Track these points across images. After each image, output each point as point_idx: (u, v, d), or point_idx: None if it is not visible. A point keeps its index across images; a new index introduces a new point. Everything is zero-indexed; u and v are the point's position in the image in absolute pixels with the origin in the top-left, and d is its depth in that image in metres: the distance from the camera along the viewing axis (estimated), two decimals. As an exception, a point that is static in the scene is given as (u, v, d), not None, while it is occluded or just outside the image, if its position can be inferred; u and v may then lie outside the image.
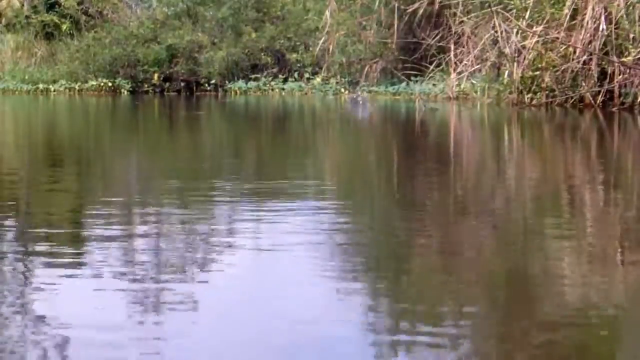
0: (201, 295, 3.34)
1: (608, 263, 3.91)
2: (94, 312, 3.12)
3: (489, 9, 17.89)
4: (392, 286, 3.53)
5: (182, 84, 28.03)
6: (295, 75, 26.94)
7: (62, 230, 4.78)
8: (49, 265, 3.81)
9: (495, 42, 17.87)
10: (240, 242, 4.35)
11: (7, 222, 4.97)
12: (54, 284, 3.48)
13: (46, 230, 4.75)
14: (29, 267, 3.77)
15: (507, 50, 17.31)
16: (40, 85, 28.13)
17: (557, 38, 16.53)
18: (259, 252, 4.13)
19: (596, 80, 16.10)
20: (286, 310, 3.14)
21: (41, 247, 4.20)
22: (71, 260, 3.92)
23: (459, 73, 18.78)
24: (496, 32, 17.57)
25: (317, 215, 5.11)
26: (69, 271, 3.69)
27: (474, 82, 19.02)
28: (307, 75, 26.53)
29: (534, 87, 16.88)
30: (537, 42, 16.62)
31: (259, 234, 4.60)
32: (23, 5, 29.74)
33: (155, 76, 27.91)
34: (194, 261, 3.94)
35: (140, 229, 4.75)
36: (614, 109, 15.33)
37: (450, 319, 3.06)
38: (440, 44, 20.42)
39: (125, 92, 27.63)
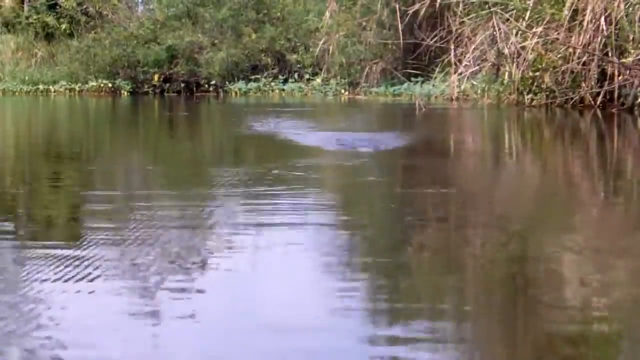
0: (199, 296, 3.33)
1: (610, 264, 3.90)
2: (91, 312, 3.11)
3: (489, 10, 17.89)
4: (389, 285, 3.52)
5: (182, 84, 28.07)
6: (296, 76, 26.99)
7: (59, 230, 4.77)
8: (46, 265, 3.80)
9: (495, 42, 17.88)
10: (239, 237, 4.35)
11: (7, 223, 4.96)
12: (52, 283, 3.47)
13: (44, 230, 4.74)
14: (28, 267, 3.76)
15: (506, 51, 17.31)
16: (41, 86, 28.18)
17: (557, 39, 16.52)
18: (257, 236, 4.13)
19: (596, 81, 16.09)
20: (284, 311, 3.13)
21: (40, 247, 4.19)
22: (69, 259, 3.91)
23: (460, 74, 18.78)
24: (495, 32, 17.57)
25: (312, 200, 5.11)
26: (66, 270, 3.68)
27: (474, 82, 19.03)
28: (307, 76, 26.57)
29: (534, 88, 16.89)
30: (537, 42, 16.61)
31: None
32: (22, 5, 29.75)
33: (155, 77, 27.95)
34: (192, 258, 3.92)
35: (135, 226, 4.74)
36: (613, 110, 15.32)
37: (450, 322, 3.04)
38: (441, 44, 20.43)
39: (126, 93, 27.68)
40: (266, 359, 2.68)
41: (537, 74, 16.71)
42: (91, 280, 3.55)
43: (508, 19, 17.44)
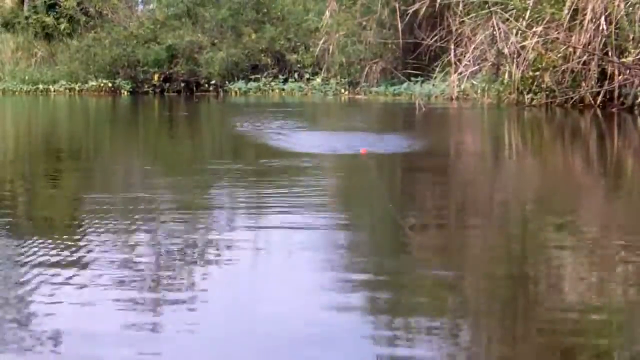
0: (199, 295, 3.32)
1: (609, 264, 3.89)
2: (90, 312, 3.10)
3: (488, 10, 17.87)
4: (390, 287, 3.50)
5: (182, 84, 28.04)
6: (296, 75, 26.96)
7: (55, 231, 4.76)
8: (46, 265, 3.79)
9: (495, 42, 17.85)
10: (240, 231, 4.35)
11: (6, 222, 4.95)
12: (51, 284, 3.46)
13: (43, 230, 4.73)
14: (27, 267, 3.75)
15: (506, 51, 17.30)
16: (40, 86, 28.16)
17: (557, 38, 16.50)
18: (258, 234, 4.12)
19: (596, 80, 16.06)
20: (283, 309, 3.13)
21: (39, 247, 4.18)
22: (68, 259, 3.90)
23: (460, 73, 18.75)
24: (495, 32, 17.54)
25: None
26: (65, 269, 3.67)
27: (474, 82, 19.00)
28: (307, 75, 26.54)
29: (534, 88, 16.86)
30: (537, 42, 16.59)
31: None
32: (22, 5, 29.73)
33: (155, 77, 27.92)
34: (192, 260, 3.91)
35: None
36: (613, 110, 15.30)
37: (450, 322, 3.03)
38: (441, 44, 20.40)
39: (126, 92, 27.66)
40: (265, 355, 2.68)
41: (537, 73, 16.69)
42: (92, 276, 3.55)
43: (508, 19, 17.41)
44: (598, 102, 15.93)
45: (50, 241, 4.37)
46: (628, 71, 15.56)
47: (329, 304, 3.19)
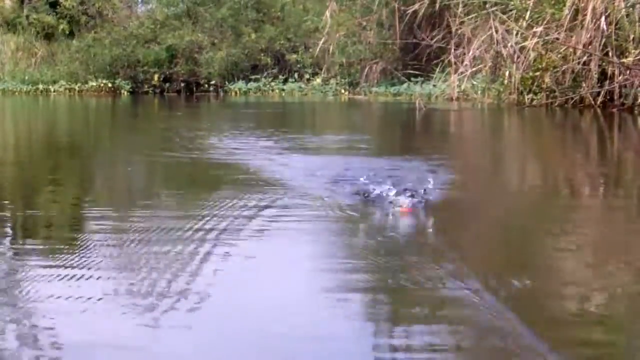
0: (198, 293, 3.31)
1: (610, 262, 3.89)
2: (88, 311, 3.10)
3: (486, 11, 17.87)
4: (389, 278, 3.49)
5: (182, 84, 28.07)
6: (296, 76, 26.98)
7: (57, 229, 4.75)
8: (45, 264, 3.79)
9: (495, 42, 17.85)
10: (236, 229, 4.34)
11: (6, 220, 4.95)
12: (50, 283, 3.46)
13: (42, 229, 4.73)
14: (27, 266, 3.75)
15: (504, 52, 17.30)
16: (40, 86, 28.19)
17: (557, 39, 16.51)
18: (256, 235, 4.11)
19: (596, 81, 16.06)
20: (284, 308, 3.12)
21: (38, 246, 4.18)
22: (67, 258, 3.90)
23: (460, 74, 18.75)
24: (494, 33, 17.55)
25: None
26: (64, 268, 3.66)
27: (474, 82, 19.00)
28: (307, 76, 26.56)
29: (534, 88, 16.85)
30: (537, 42, 16.59)
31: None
32: (23, 5, 29.75)
33: (155, 77, 27.94)
34: (190, 256, 3.91)
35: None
36: (614, 110, 15.29)
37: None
38: (441, 44, 20.40)
39: (125, 92, 27.68)
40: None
41: (537, 74, 16.68)
42: (87, 279, 3.54)
43: (506, 20, 17.40)
44: (598, 102, 15.93)
45: (48, 239, 4.37)
46: (628, 71, 15.56)
47: (328, 303, 3.18)
